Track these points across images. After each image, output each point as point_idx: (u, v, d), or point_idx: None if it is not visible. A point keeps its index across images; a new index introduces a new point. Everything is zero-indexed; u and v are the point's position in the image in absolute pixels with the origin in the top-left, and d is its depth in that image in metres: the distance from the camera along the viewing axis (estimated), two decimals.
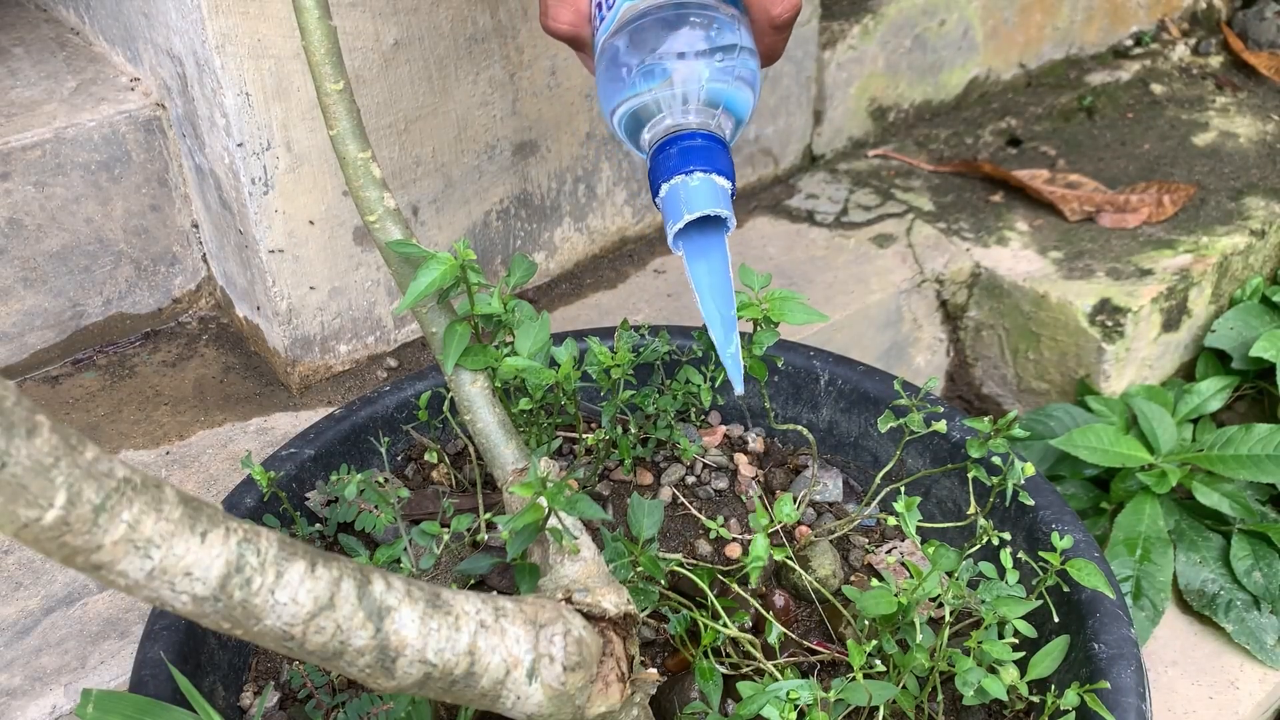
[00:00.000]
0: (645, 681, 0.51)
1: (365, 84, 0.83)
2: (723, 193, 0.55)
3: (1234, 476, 0.99)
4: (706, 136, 0.56)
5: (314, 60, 0.53)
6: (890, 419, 0.65)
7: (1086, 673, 0.58)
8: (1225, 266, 1.11)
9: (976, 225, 1.15)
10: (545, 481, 0.48)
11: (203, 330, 0.97)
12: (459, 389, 0.56)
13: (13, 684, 0.68)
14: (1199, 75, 1.46)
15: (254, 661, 0.65)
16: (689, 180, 0.55)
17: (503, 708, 0.45)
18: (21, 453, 0.31)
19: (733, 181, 0.56)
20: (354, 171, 0.54)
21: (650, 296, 1.03)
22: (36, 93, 0.89)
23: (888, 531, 0.73)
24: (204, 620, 0.37)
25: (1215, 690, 0.90)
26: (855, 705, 0.55)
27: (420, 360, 0.95)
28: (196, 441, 0.86)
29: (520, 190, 0.98)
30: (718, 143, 0.57)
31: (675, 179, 0.55)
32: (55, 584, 0.74)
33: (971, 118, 1.34)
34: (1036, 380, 1.11)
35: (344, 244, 0.88)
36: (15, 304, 0.87)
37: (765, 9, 0.56)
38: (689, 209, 0.54)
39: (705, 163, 0.55)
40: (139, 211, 0.91)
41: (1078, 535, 0.64)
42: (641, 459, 0.77)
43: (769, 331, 0.62)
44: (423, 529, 0.63)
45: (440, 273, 0.52)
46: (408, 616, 0.41)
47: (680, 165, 0.55)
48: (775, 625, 0.61)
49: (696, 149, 0.56)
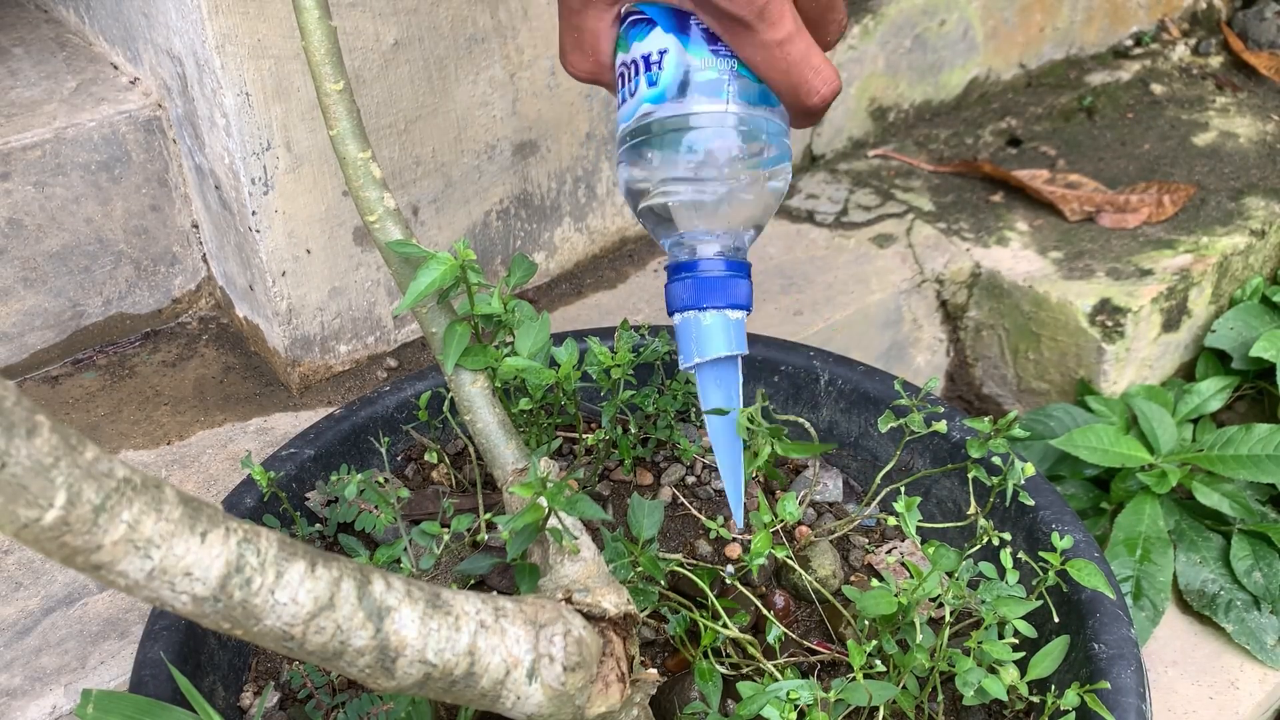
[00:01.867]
0: (645, 681, 0.51)
1: (365, 84, 0.83)
2: (736, 328, 0.56)
3: (1234, 476, 0.99)
4: (725, 264, 0.56)
5: (314, 60, 0.53)
6: (890, 419, 0.65)
7: (1086, 673, 0.58)
8: (1225, 266, 1.11)
9: (976, 225, 1.15)
10: (545, 481, 0.48)
11: (203, 330, 0.97)
12: (459, 389, 0.56)
13: (13, 684, 0.68)
14: (1199, 75, 1.46)
15: (254, 661, 0.65)
16: (702, 318, 0.55)
17: (503, 708, 0.45)
18: (21, 453, 0.31)
19: (748, 305, 0.56)
20: (354, 171, 0.54)
21: (650, 296, 1.03)
22: (36, 93, 0.89)
23: (888, 531, 0.73)
24: (204, 620, 0.37)
25: (1215, 690, 0.90)
26: (855, 705, 0.55)
27: (420, 360, 0.95)
28: (196, 441, 0.86)
29: (520, 190, 0.98)
30: (734, 267, 0.56)
31: (688, 313, 0.56)
32: (55, 584, 0.74)
33: (971, 118, 1.34)
34: (1036, 380, 1.11)
35: (344, 244, 0.88)
36: (15, 304, 0.87)
37: (799, 100, 0.53)
38: (699, 352, 0.56)
39: (719, 298, 0.55)
40: (139, 211, 0.91)
41: (1078, 535, 0.64)
42: (641, 459, 0.77)
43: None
44: (423, 529, 0.63)
45: (440, 273, 0.52)
46: (408, 616, 0.41)
47: (694, 300, 0.56)
48: (775, 625, 0.61)
49: (711, 282, 0.55)
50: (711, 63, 0.54)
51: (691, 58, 0.54)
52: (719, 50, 0.54)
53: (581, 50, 0.57)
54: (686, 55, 0.54)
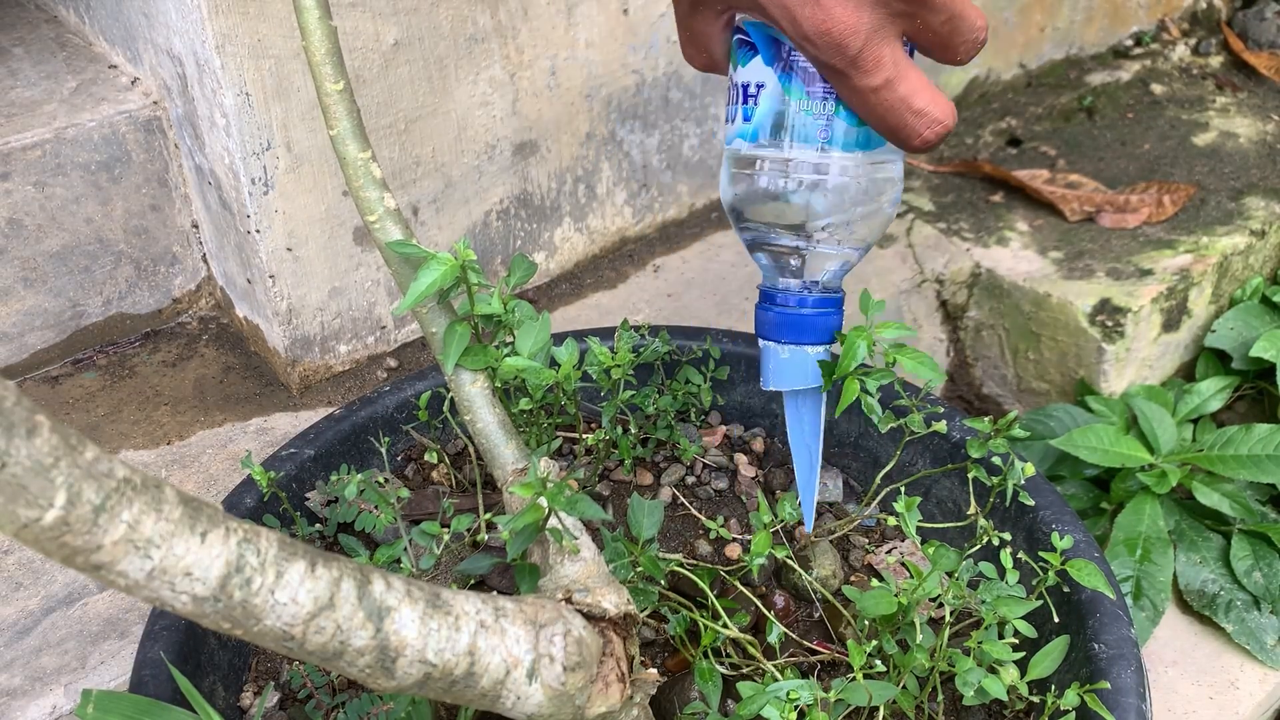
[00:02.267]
0: (645, 681, 0.51)
1: (365, 84, 0.83)
2: (811, 364, 0.56)
3: (1234, 476, 0.98)
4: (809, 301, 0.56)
5: (314, 60, 0.53)
6: (891, 419, 0.65)
7: (1086, 673, 0.58)
8: (1225, 266, 1.11)
9: (976, 225, 1.15)
10: (545, 481, 0.48)
11: (203, 330, 0.97)
12: (459, 389, 0.56)
13: (13, 684, 0.68)
14: (1199, 75, 1.46)
15: (254, 661, 0.65)
16: (779, 351, 0.57)
17: (503, 708, 0.45)
18: (21, 453, 0.31)
19: (830, 339, 0.57)
20: (354, 171, 0.54)
21: (650, 296, 1.03)
22: (36, 93, 0.89)
23: (888, 531, 0.73)
24: (204, 620, 0.37)
25: (1215, 690, 0.90)
26: (855, 705, 0.55)
27: (420, 360, 0.95)
28: (196, 441, 0.86)
29: (520, 190, 0.98)
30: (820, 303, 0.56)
31: (769, 343, 0.57)
32: (55, 584, 0.74)
33: (971, 118, 1.34)
34: (1036, 380, 1.11)
35: (344, 244, 0.88)
36: (15, 304, 0.87)
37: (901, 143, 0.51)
38: (774, 382, 0.57)
39: (798, 335, 0.56)
40: (139, 211, 0.91)
41: (1078, 535, 0.64)
42: (641, 459, 0.77)
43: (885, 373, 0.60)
44: (423, 529, 0.63)
45: (441, 273, 0.52)
46: (408, 617, 0.41)
47: (774, 334, 0.57)
48: (776, 625, 0.61)
49: (794, 321, 0.56)
50: (807, 104, 0.51)
51: (788, 97, 0.52)
52: (815, 92, 0.51)
53: (695, 47, 0.55)
54: (782, 93, 0.52)
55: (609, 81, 0.99)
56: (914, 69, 0.49)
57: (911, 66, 0.49)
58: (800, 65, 0.51)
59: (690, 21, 0.54)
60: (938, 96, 0.49)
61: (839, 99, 0.51)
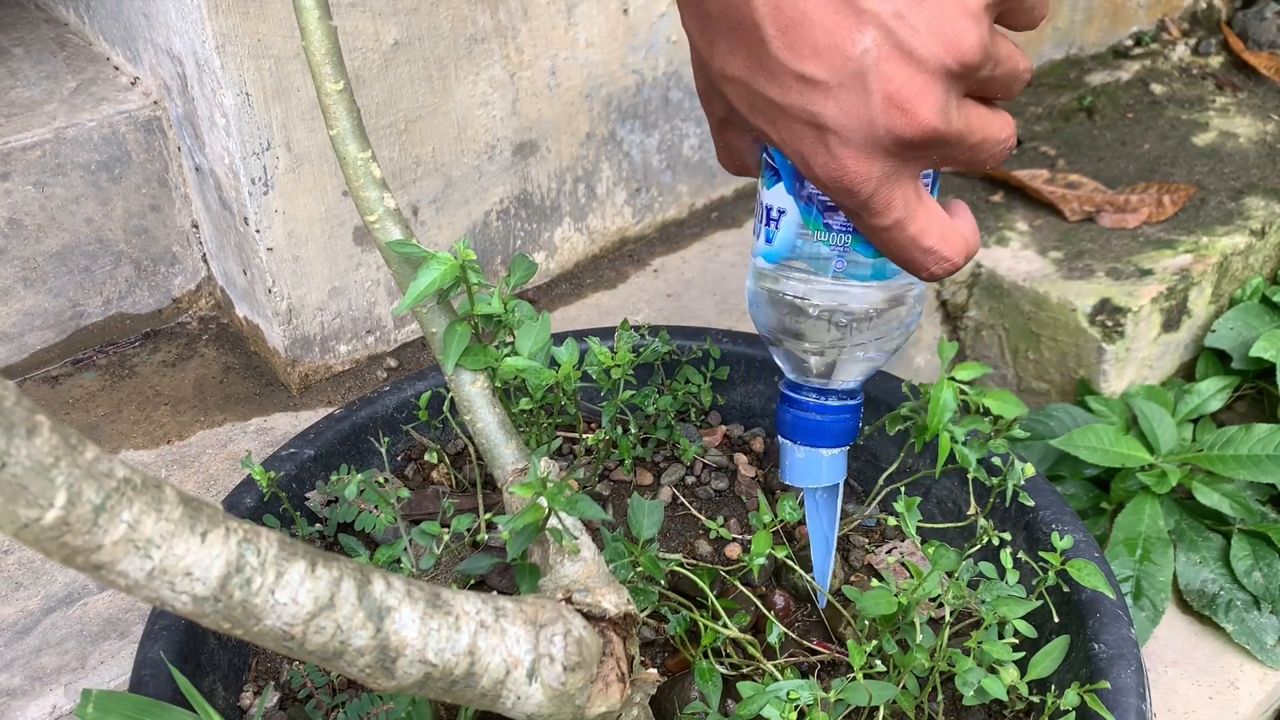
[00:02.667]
0: (645, 682, 0.51)
1: (365, 84, 0.83)
2: (829, 462, 0.59)
3: (1234, 476, 0.98)
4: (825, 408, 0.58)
5: (314, 60, 0.53)
6: (899, 421, 0.64)
7: (1086, 673, 0.58)
8: (1225, 266, 1.11)
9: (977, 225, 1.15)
10: (545, 481, 0.48)
11: (203, 330, 0.97)
12: (459, 389, 0.56)
13: (13, 684, 0.68)
14: (1199, 75, 1.46)
15: (254, 661, 0.65)
16: (795, 450, 0.59)
17: (503, 708, 0.45)
18: (21, 453, 0.31)
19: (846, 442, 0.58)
20: (354, 171, 0.54)
21: (650, 296, 1.03)
22: (36, 93, 0.89)
23: (888, 531, 0.73)
24: (204, 620, 0.37)
25: (1215, 690, 0.90)
26: (855, 705, 0.55)
27: (420, 360, 0.95)
28: (196, 441, 0.86)
29: (520, 190, 0.98)
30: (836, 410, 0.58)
31: (784, 440, 0.59)
32: (55, 584, 0.74)
33: None
34: (1036, 380, 1.11)
35: (344, 244, 0.88)
36: (15, 304, 0.87)
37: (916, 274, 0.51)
38: (791, 478, 0.59)
39: (818, 441, 0.58)
40: (139, 211, 0.91)
41: (1078, 535, 0.64)
42: (641, 459, 0.77)
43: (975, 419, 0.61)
44: (423, 529, 0.63)
45: (440, 272, 0.52)
46: (408, 616, 0.41)
47: (791, 434, 0.59)
48: (776, 625, 0.61)
49: (812, 426, 0.58)
50: (825, 236, 0.52)
51: (805, 228, 0.53)
52: (833, 224, 0.52)
53: (728, 156, 0.56)
54: (800, 223, 0.53)
55: (609, 81, 0.99)
56: (925, 208, 0.49)
57: (923, 205, 0.49)
58: (819, 199, 0.52)
59: (722, 136, 0.55)
60: (948, 234, 0.49)
61: (855, 231, 0.52)
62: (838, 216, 0.52)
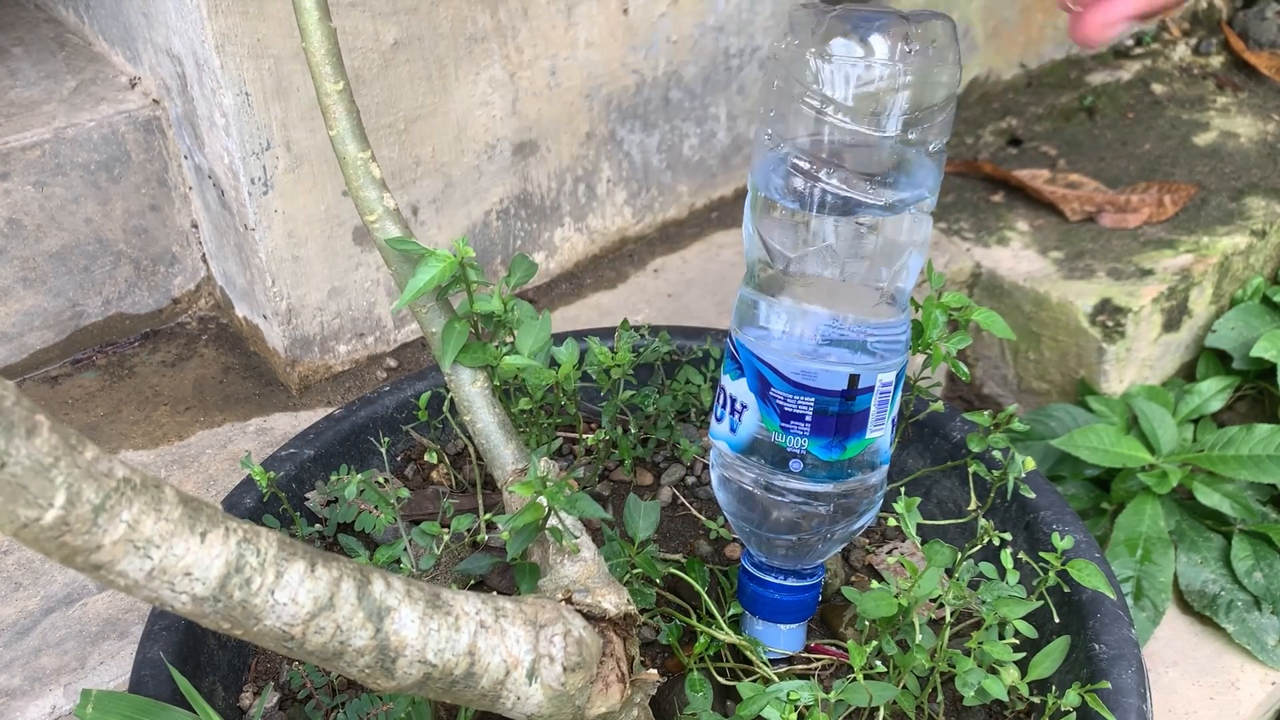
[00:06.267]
0: (645, 682, 0.51)
1: (365, 84, 0.83)
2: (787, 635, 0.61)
3: (1235, 477, 0.98)
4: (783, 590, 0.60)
5: (314, 60, 0.53)
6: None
7: (1087, 673, 0.58)
8: (1226, 266, 1.11)
9: (977, 225, 1.15)
10: (545, 481, 0.48)
11: (202, 330, 0.97)
12: (459, 389, 0.56)
13: (12, 684, 0.68)
14: (1199, 75, 1.46)
15: (254, 662, 0.65)
16: (755, 622, 0.62)
17: (503, 708, 0.45)
18: (21, 453, 0.31)
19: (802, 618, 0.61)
20: (354, 171, 0.54)
21: (650, 296, 1.03)
22: (36, 93, 0.89)
23: (888, 531, 0.73)
24: (204, 620, 0.37)
25: (1216, 691, 0.90)
26: (856, 706, 0.55)
27: (420, 360, 0.95)
28: (196, 441, 0.86)
29: (520, 190, 0.98)
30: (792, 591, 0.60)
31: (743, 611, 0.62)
32: (55, 584, 0.74)
33: (972, 118, 1.34)
34: (1037, 380, 1.11)
35: (343, 244, 0.88)
36: (15, 304, 0.87)
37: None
38: (753, 635, 0.62)
39: (771, 614, 0.61)
40: (138, 211, 0.91)
41: (1078, 536, 0.64)
42: (641, 459, 0.77)
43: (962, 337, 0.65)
44: (423, 529, 0.63)
45: (439, 270, 0.52)
46: (408, 617, 0.41)
47: (750, 607, 0.61)
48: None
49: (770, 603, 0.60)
50: (782, 438, 0.55)
51: (764, 427, 0.55)
52: (791, 429, 0.54)
53: None
54: (760, 422, 0.55)
55: (609, 81, 0.99)
56: None
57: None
58: (778, 403, 0.54)
59: None
60: None
61: (812, 437, 0.54)
62: (797, 424, 0.54)
